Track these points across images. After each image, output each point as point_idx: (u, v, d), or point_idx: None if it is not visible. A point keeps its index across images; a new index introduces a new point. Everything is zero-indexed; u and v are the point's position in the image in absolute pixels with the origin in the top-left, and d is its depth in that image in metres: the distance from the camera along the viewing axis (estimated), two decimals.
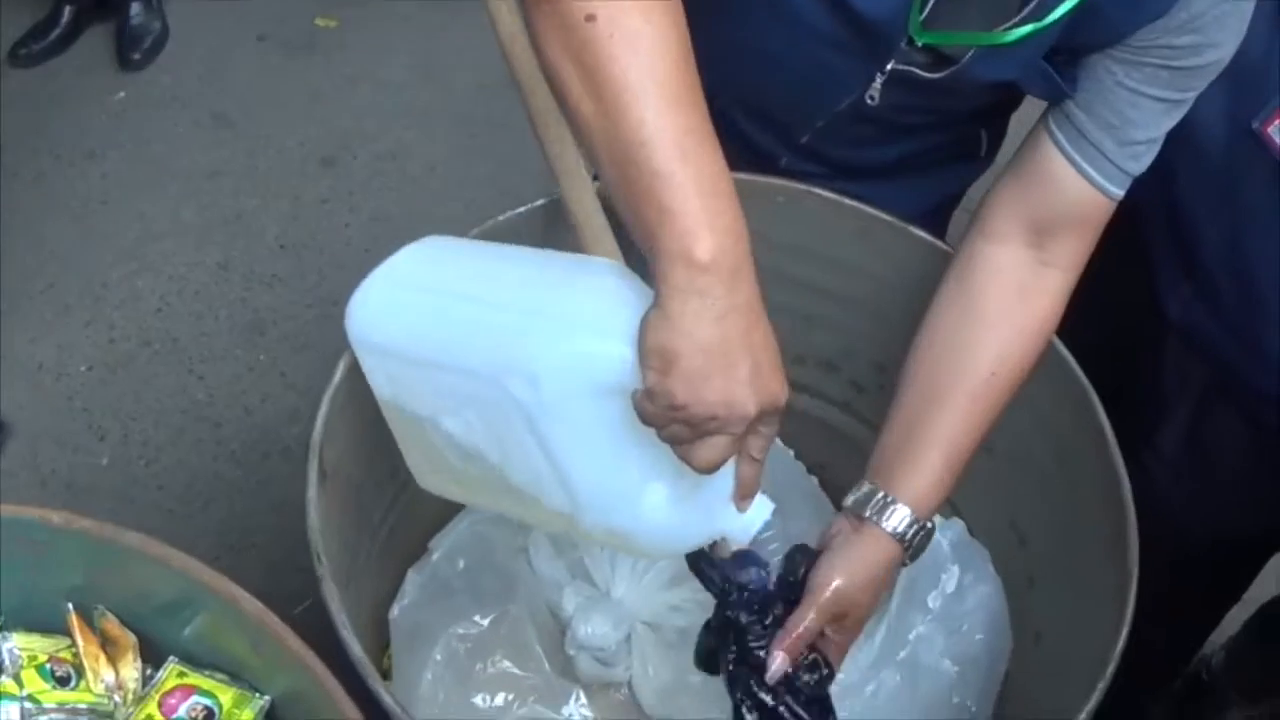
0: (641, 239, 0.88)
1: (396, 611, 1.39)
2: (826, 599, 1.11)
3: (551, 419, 0.97)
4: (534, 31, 0.90)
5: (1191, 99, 1.11)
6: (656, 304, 0.87)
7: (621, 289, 0.96)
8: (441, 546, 1.44)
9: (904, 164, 1.37)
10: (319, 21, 3.18)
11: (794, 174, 1.36)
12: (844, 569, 1.12)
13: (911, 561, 1.18)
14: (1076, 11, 1.05)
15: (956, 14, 1.11)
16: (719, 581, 1.10)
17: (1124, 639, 1.13)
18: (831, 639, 1.13)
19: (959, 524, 1.42)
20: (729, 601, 1.10)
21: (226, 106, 2.96)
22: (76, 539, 0.95)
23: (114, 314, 2.53)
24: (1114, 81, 1.09)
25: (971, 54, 1.12)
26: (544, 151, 1.18)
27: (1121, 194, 1.15)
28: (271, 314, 2.56)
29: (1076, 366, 1.28)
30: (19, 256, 2.56)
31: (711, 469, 0.91)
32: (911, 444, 1.17)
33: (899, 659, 1.37)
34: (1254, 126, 1.28)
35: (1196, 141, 1.33)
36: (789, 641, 1.08)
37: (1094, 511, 1.25)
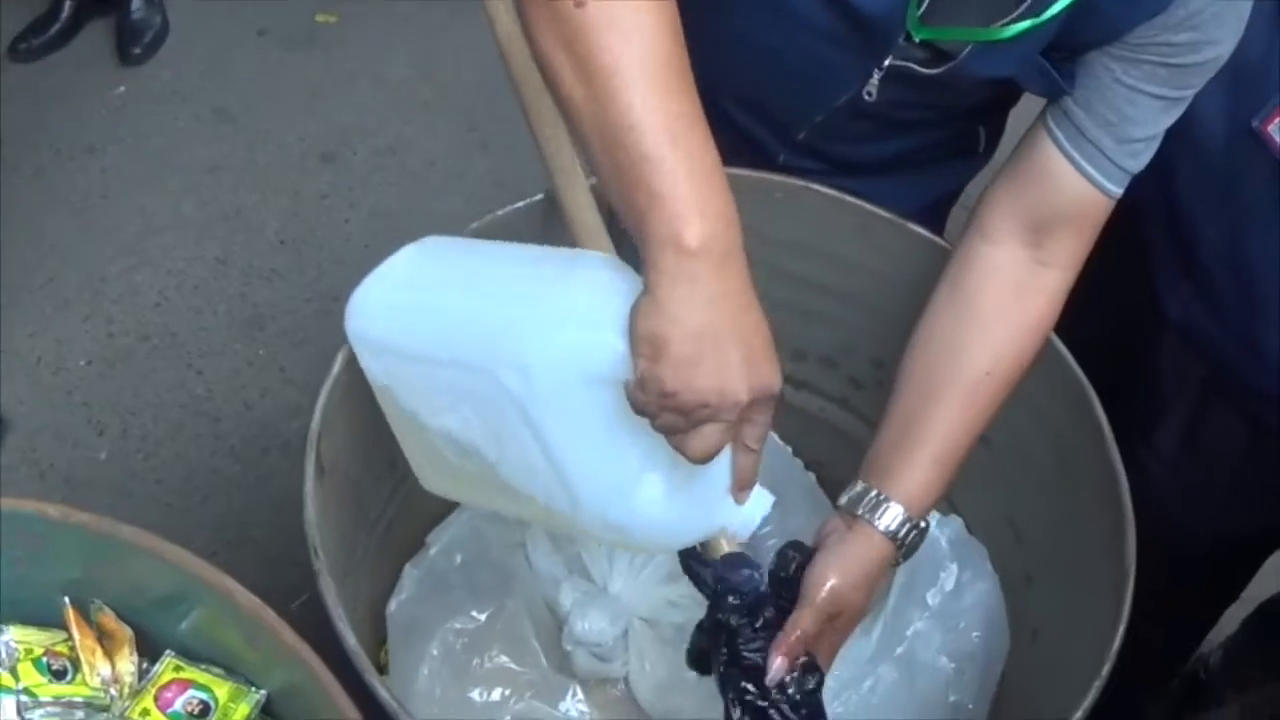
0: (632, 225, 0.88)
1: (394, 606, 1.39)
2: (822, 599, 1.10)
3: (544, 411, 0.97)
4: (526, 21, 0.90)
5: (1190, 97, 1.11)
6: (646, 290, 0.87)
7: (614, 280, 0.96)
8: (439, 541, 1.44)
9: (902, 160, 1.37)
10: (319, 17, 3.18)
11: (792, 170, 1.36)
12: (838, 568, 1.12)
13: (904, 560, 1.18)
14: (1074, 8, 1.05)
15: (954, 10, 1.11)
16: (711, 582, 1.10)
17: (1121, 637, 1.13)
18: (824, 638, 1.12)
19: (957, 521, 1.42)
20: (721, 604, 1.10)
21: (227, 101, 2.96)
22: (74, 532, 0.95)
23: (113, 308, 2.53)
24: (1112, 79, 1.09)
25: (969, 50, 1.12)
26: (540, 150, 1.19)
27: (1120, 192, 1.15)
28: (271, 309, 2.56)
29: (1074, 363, 1.28)
30: (18, 251, 2.56)
31: (706, 458, 0.90)
32: (906, 443, 1.17)
33: (896, 655, 1.37)
34: (1254, 125, 1.28)
35: (1196, 140, 1.33)
36: (787, 644, 1.07)
37: (1091, 509, 1.26)
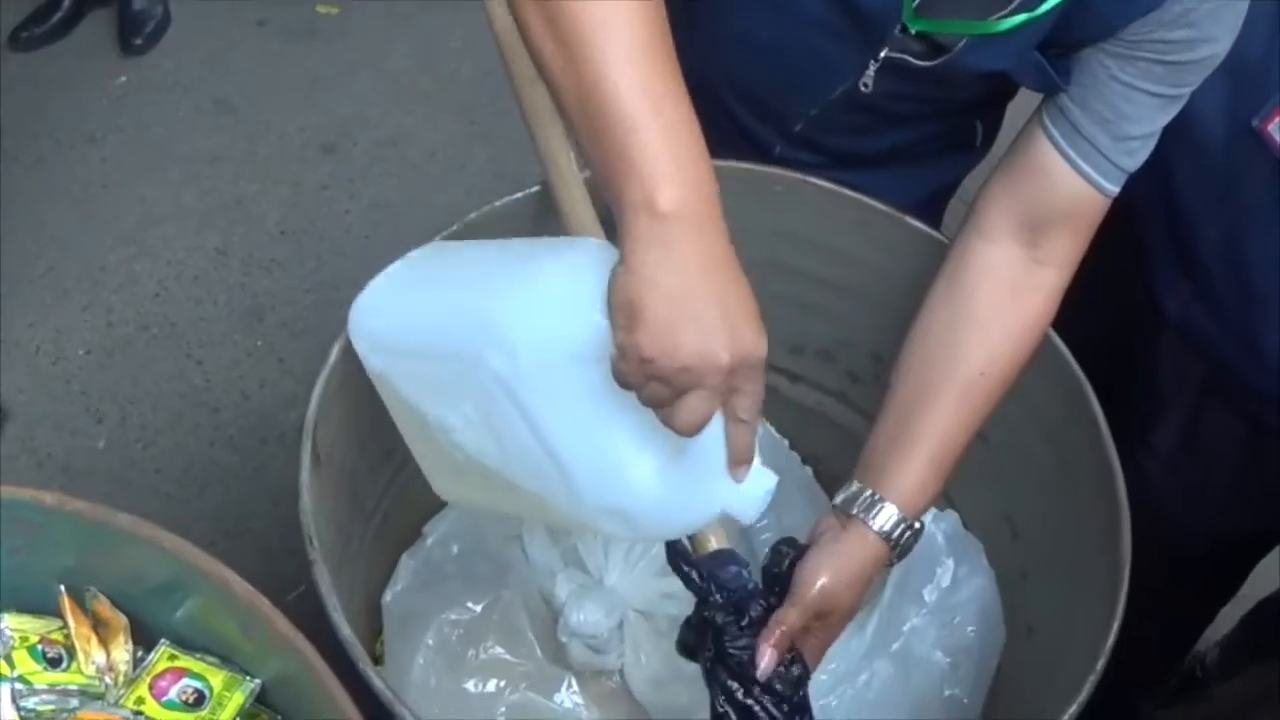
0: (609, 193, 0.87)
1: (389, 597, 1.39)
2: (812, 596, 1.11)
3: (532, 392, 0.96)
4: (514, 3, 0.90)
5: (1186, 95, 1.11)
6: (621, 258, 0.85)
7: (598, 259, 0.94)
8: (435, 532, 1.44)
9: (898, 153, 1.37)
10: (320, 8, 3.18)
11: (788, 163, 1.36)
12: (830, 567, 1.12)
13: (898, 561, 1.18)
14: (1069, 3, 1.05)
15: (950, 2, 1.11)
16: (698, 579, 1.10)
17: (1115, 633, 1.13)
18: (813, 635, 1.13)
19: (953, 516, 1.42)
20: (707, 601, 1.10)
21: (228, 92, 2.96)
22: (69, 520, 0.95)
23: (112, 298, 2.53)
24: (1108, 76, 1.09)
25: (964, 43, 1.12)
26: (535, 146, 1.19)
27: (1116, 190, 1.15)
28: (270, 299, 2.56)
29: (1071, 359, 1.29)
30: (18, 240, 2.56)
31: (693, 429, 0.87)
32: (901, 443, 1.16)
33: (892, 650, 1.37)
34: (1254, 124, 1.28)
35: (1196, 139, 1.33)
36: (775, 638, 1.08)
37: (1088, 505, 1.26)
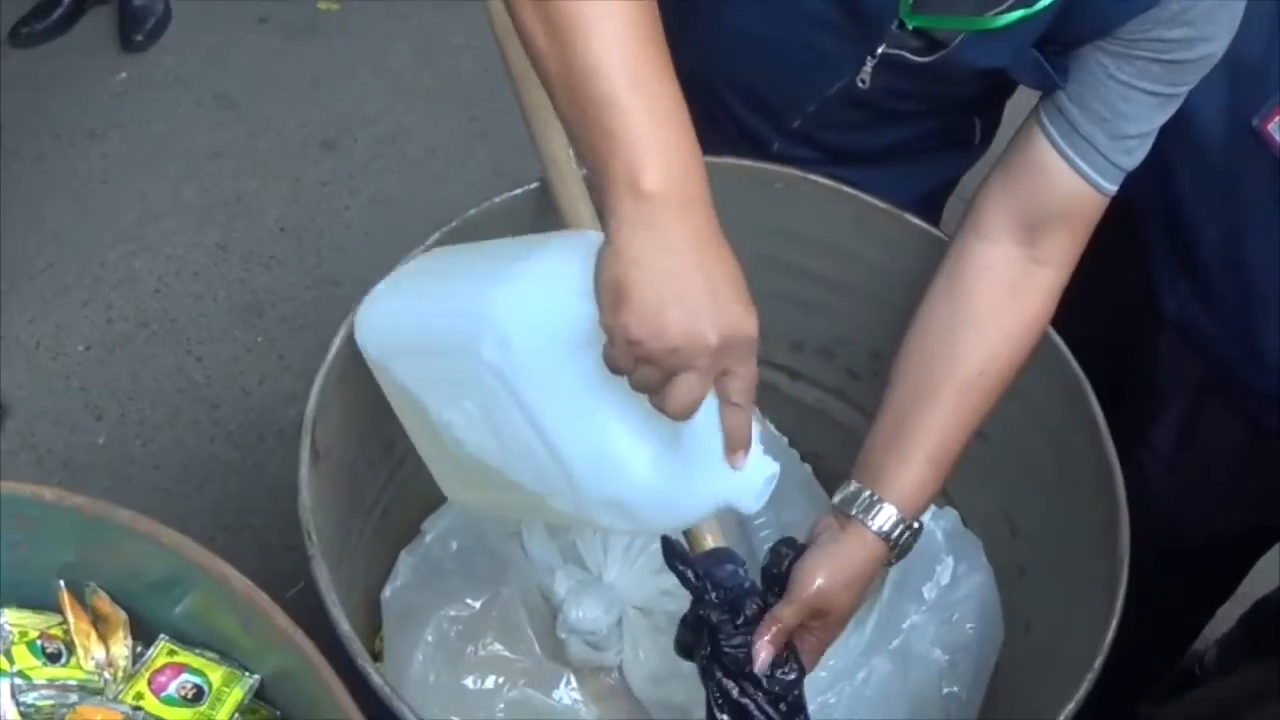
0: (595, 176, 0.86)
1: (388, 593, 1.39)
2: (809, 595, 1.11)
3: (525, 381, 0.96)
4: None
5: (1184, 93, 1.11)
6: (606, 239, 0.85)
7: (593, 249, 0.92)
8: (435, 528, 1.44)
9: (896, 150, 1.37)
10: (321, 5, 3.17)
11: (786, 159, 1.36)
12: (828, 567, 1.12)
13: (896, 561, 1.18)
14: (1066, 0, 1.05)
15: None
16: (694, 579, 1.11)
17: (1113, 629, 1.13)
18: (811, 635, 1.13)
19: (953, 514, 1.42)
20: (703, 599, 1.10)
21: (228, 88, 2.96)
22: (69, 515, 0.95)
23: (112, 294, 2.53)
24: (1105, 75, 1.09)
25: (961, 38, 1.12)
26: (535, 144, 1.20)
27: (1114, 189, 1.15)
28: (270, 296, 2.56)
29: (1071, 358, 1.29)
30: (18, 236, 2.56)
31: (686, 412, 0.86)
32: (899, 443, 1.17)
33: (891, 647, 1.37)
34: (1254, 124, 1.28)
35: (1196, 138, 1.33)
36: (771, 634, 1.08)
37: (1086, 502, 1.26)
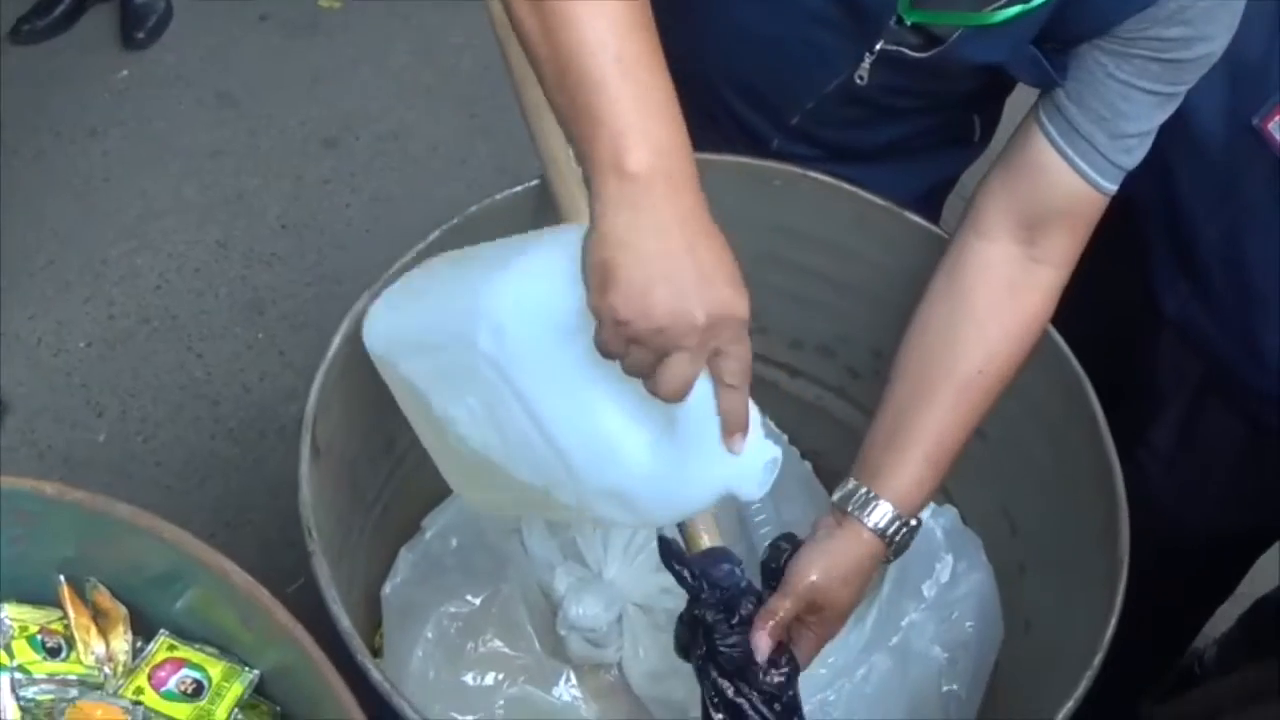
0: (581, 159, 0.86)
1: (389, 589, 1.39)
2: (804, 588, 1.12)
3: (521, 369, 0.97)
4: None
5: (1183, 92, 1.11)
6: (592, 222, 0.85)
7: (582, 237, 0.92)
8: (435, 525, 1.44)
9: (895, 147, 1.37)
10: (322, 2, 3.17)
11: (786, 156, 1.36)
12: (822, 563, 1.13)
13: (894, 559, 1.18)
14: None
15: None
16: (689, 578, 1.11)
17: (1113, 627, 1.13)
18: (809, 630, 1.14)
19: (952, 512, 1.42)
20: (698, 598, 1.11)
21: (230, 86, 2.96)
22: (69, 510, 0.95)
23: (113, 291, 2.53)
24: (1105, 74, 1.09)
25: (959, 34, 1.12)
26: (535, 141, 1.21)
27: (1114, 188, 1.15)
28: (271, 293, 2.56)
29: (1071, 355, 1.29)
30: (19, 233, 2.56)
31: (678, 393, 0.86)
32: (897, 441, 1.17)
33: (890, 645, 1.37)
34: (1254, 123, 1.28)
35: (1195, 138, 1.33)
36: (768, 627, 1.09)
37: (1086, 499, 1.26)
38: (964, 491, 1.45)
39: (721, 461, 0.93)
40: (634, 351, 0.85)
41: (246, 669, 1.01)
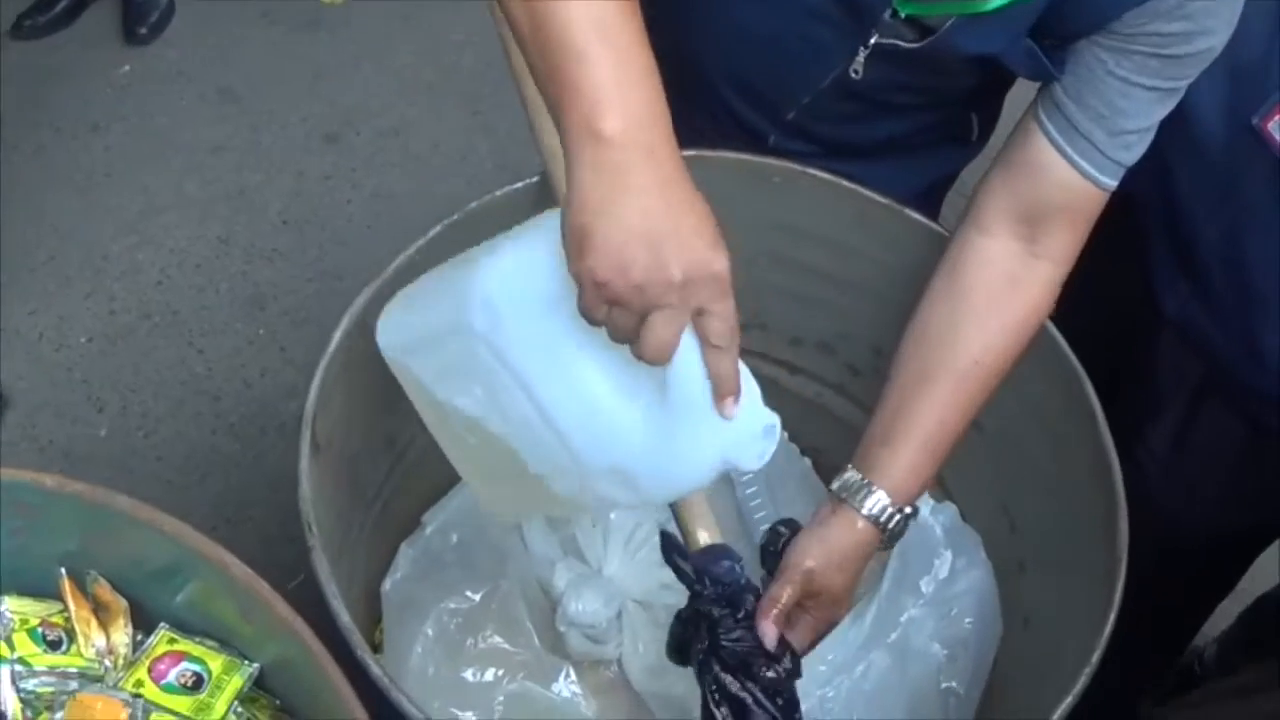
0: (559, 128, 0.87)
1: (389, 585, 1.39)
2: (801, 574, 1.14)
3: (514, 347, 0.97)
4: None
5: (1183, 88, 1.11)
6: (569, 188, 0.85)
7: None
8: (435, 521, 1.44)
9: (892, 144, 1.38)
10: None
11: (782, 152, 1.36)
12: (818, 550, 1.15)
13: (888, 546, 1.19)
14: None
15: None
16: (692, 574, 1.11)
17: (1111, 624, 1.13)
18: (808, 614, 1.16)
19: (952, 509, 1.42)
20: (702, 595, 1.11)
21: (231, 82, 2.96)
22: (70, 503, 0.95)
23: (114, 286, 2.53)
24: (1104, 71, 1.09)
25: (952, 23, 1.13)
26: (536, 138, 1.21)
27: (1114, 184, 1.16)
28: (272, 289, 2.56)
29: (1069, 351, 1.29)
30: (20, 228, 2.56)
31: (662, 353, 0.86)
32: (894, 431, 1.18)
33: (889, 641, 1.37)
34: (1254, 123, 1.28)
35: (1195, 137, 1.33)
36: (772, 615, 1.11)
37: (1085, 496, 1.26)
38: (963, 488, 1.45)
39: (717, 430, 0.93)
40: (616, 314, 0.86)
41: (246, 662, 1.01)
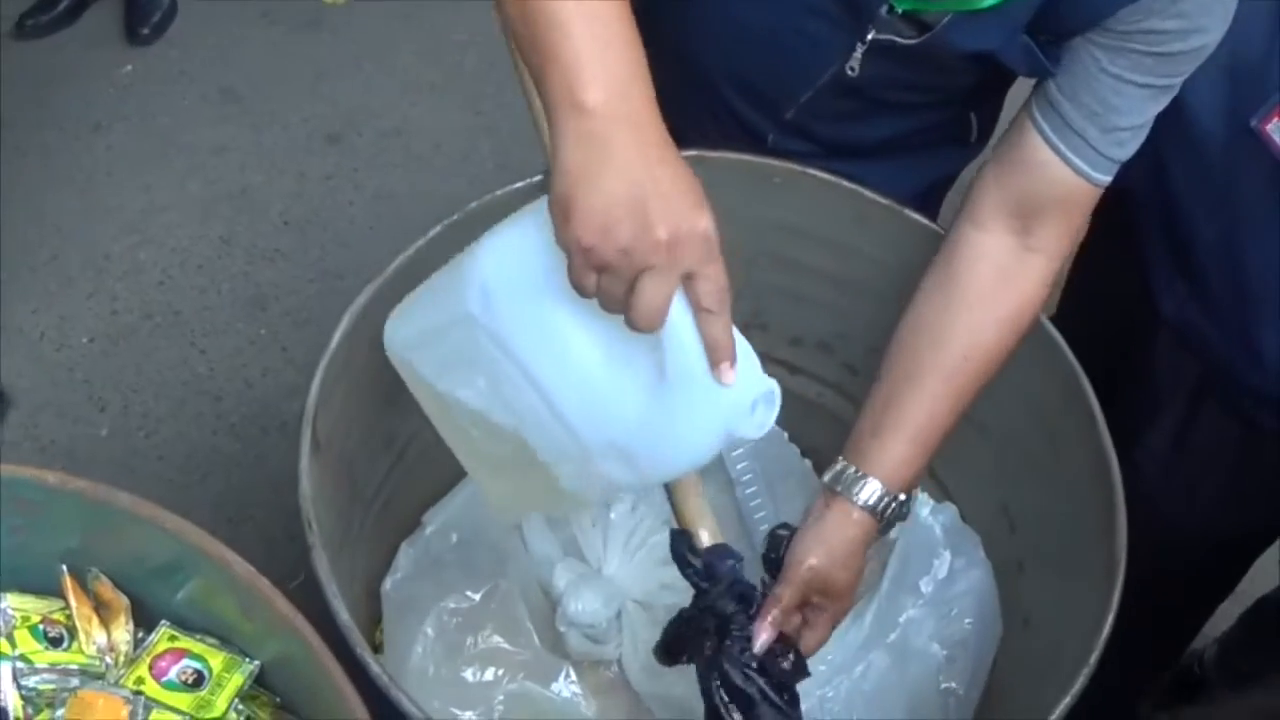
0: (542, 98, 0.87)
1: (389, 585, 1.39)
2: (802, 575, 1.14)
3: (510, 327, 0.97)
4: None
5: (1178, 85, 1.11)
6: (552, 158, 0.85)
7: None
8: (435, 520, 1.44)
9: (891, 144, 1.38)
10: None
11: (781, 152, 1.36)
12: (819, 549, 1.15)
13: (886, 532, 1.20)
14: None
15: None
16: (701, 569, 1.12)
17: (1110, 624, 1.13)
18: (820, 609, 1.16)
19: (951, 509, 1.43)
20: (710, 592, 1.11)
21: (233, 82, 2.96)
22: (71, 499, 0.95)
23: (116, 286, 2.53)
24: (1098, 69, 1.09)
25: (948, 19, 1.13)
26: (539, 136, 1.20)
27: (1107, 180, 1.16)
28: (274, 289, 2.56)
29: (1068, 350, 1.29)
30: (22, 228, 2.56)
31: (653, 317, 0.85)
32: (885, 423, 1.19)
33: (889, 642, 1.37)
34: (1253, 124, 1.28)
35: (1194, 138, 1.33)
36: (771, 617, 1.11)
37: (1084, 496, 1.26)
38: (963, 488, 1.45)
39: (716, 399, 0.92)
40: (605, 282, 0.85)
41: (247, 660, 1.01)
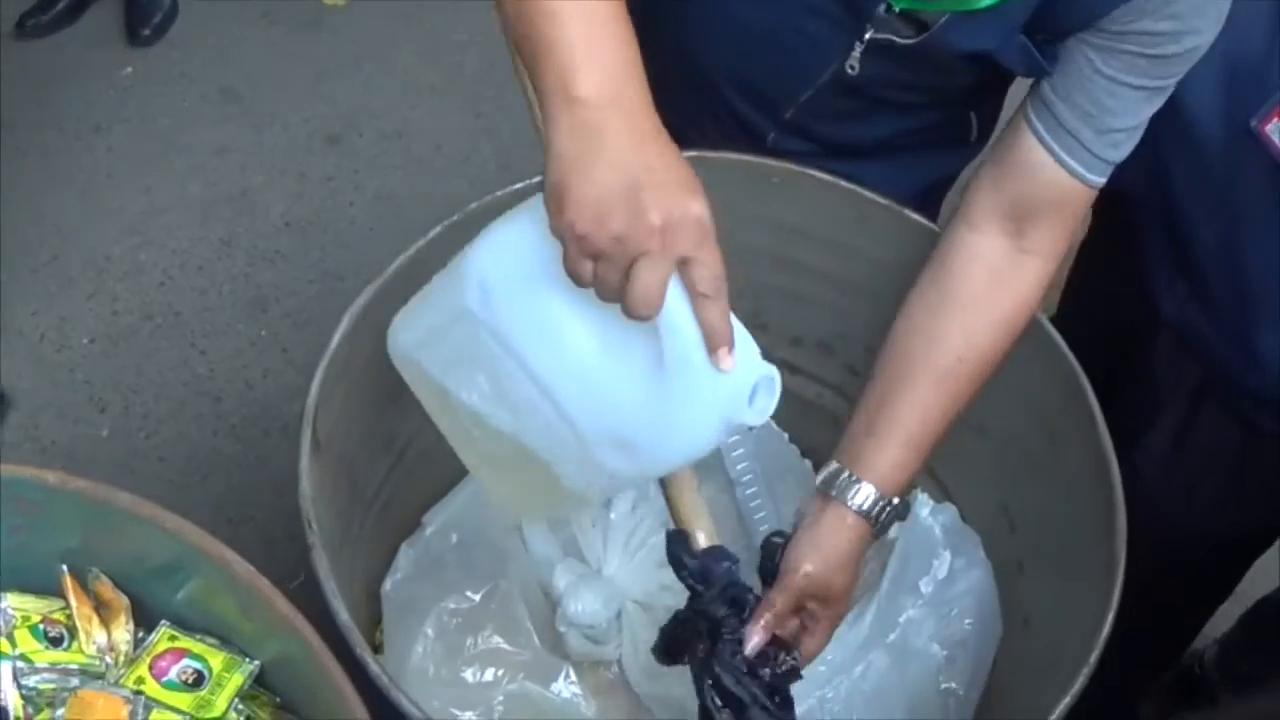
0: (535, 89, 0.88)
1: (389, 585, 1.39)
2: (797, 581, 1.14)
3: (508, 321, 0.97)
4: None
5: (1172, 85, 1.11)
6: (545, 148, 0.86)
7: None
8: (435, 521, 1.44)
9: (891, 144, 1.38)
10: (327, 0, 3.18)
11: (781, 152, 1.36)
12: (814, 556, 1.15)
13: (880, 535, 1.20)
14: None
15: None
16: (697, 572, 1.11)
17: (1110, 624, 1.14)
18: (818, 615, 1.16)
19: (951, 509, 1.42)
20: (704, 595, 1.11)
21: (234, 83, 2.96)
22: (71, 499, 0.96)
23: (117, 287, 2.54)
24: (1092, 70, 1.10)
25: (946, 19, 1.13)
26: (540, 135, 1.20)
27: (1101, 181, 1.16)
28: (274, 290, 2.56)
29: (1068, 351, 1.29)
30: (22, 229, 2.56)
31: (649, 303, 0.85)
32: (879, 426, 1.18)
33: (888, 642, 1.37)
34: (1252, 125, 1.28)
35: (1193, 139, 1.33)
36: (765, 620, 1.11)
37: (1084, 496, 1.26)
38: (963, 488, 1.45)
39: (714, 386, 0.91)
40: (601, 269, 0.85)
41: (247, 659, 1.01)
